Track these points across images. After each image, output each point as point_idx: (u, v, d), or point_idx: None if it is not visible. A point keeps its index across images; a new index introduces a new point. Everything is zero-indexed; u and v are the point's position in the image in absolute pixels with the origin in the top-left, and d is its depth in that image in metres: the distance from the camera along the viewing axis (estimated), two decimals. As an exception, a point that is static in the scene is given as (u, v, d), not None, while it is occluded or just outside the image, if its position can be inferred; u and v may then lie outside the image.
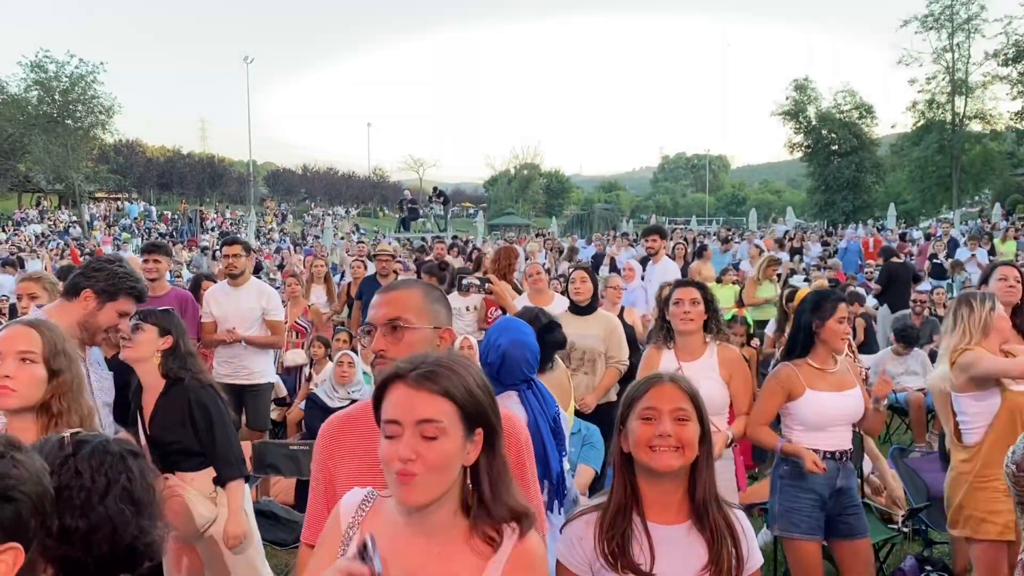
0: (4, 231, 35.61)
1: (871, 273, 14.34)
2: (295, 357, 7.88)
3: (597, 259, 14.77)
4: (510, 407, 2.93)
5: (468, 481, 1.64)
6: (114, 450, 1.75)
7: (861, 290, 11.11)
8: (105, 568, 1.66)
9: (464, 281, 6.67)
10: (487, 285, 5.86)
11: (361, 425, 2.10)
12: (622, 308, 6.63)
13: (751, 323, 7.35)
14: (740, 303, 9.48)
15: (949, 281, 14.90)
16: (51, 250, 25.13)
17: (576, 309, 5.64)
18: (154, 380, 3.63)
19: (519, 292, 7.11)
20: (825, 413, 3.83)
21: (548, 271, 11.60)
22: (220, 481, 3.65)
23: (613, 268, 13.99)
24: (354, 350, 6.83)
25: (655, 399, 2.15)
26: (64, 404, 2.49)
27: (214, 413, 3.60)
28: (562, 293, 6.31)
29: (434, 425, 1.56)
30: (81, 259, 14.70)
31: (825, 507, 3.79)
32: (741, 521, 2.21)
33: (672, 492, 2.15)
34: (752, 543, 2.20)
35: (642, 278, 8.30)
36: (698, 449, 2.13)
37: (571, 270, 5.89)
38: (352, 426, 2.13)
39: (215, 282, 7.19)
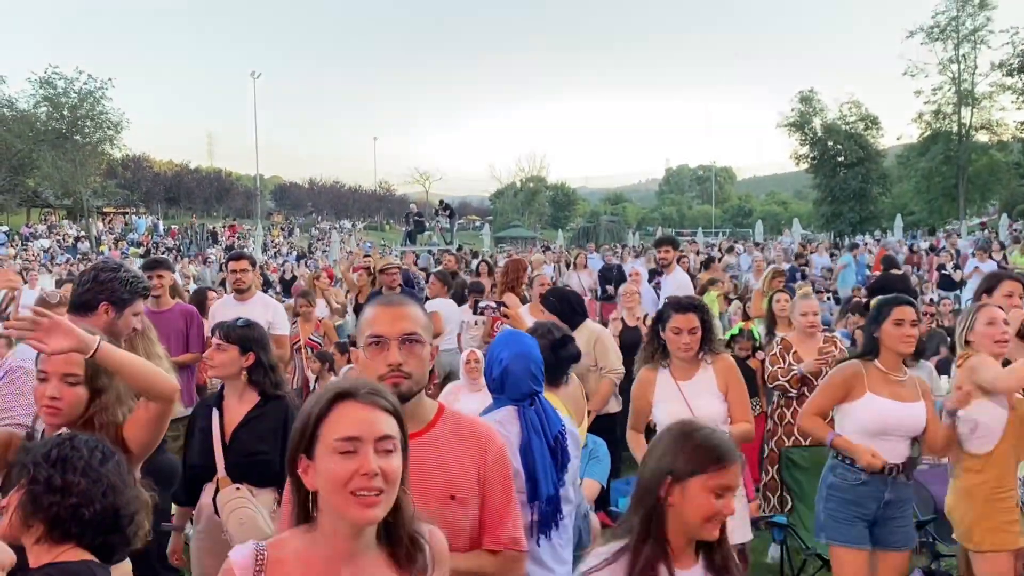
0: (13, 246, 35.79)
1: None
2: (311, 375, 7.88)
3: (607, 271, 14.70)
4: (505, 424, 2.88)
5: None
6: (106, 441, 2.17)
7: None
8: (94, 526, 1.97)
9: (481, 304, 6.78)
10: (503, 309, 5.92)
11: None
12: (645, 315, 6.64)
13: (757, 336, 7.33)
14: (746, 316, 9.46)
15: (957, 292, 14.87)
16: (59, 265, 25.22)
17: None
18: (243, 390, 3.67)
19: (527, 302, 7.12)
20: (883, 420, 3.77)
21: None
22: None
23: (606, 280, 13.98)
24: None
25: (729, 478, 2.09)
26: (106, 418, 2.63)
27: None
28: None
29: (391, 440, 1.61)
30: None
31: (871, 518, 3.79)
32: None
33: (690, 543, 2.17)
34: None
35: (649, 283, 8.37)
36: None
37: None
38: None
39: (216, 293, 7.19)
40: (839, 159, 46.65)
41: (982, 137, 43.00)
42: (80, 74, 38.81)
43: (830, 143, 46.63)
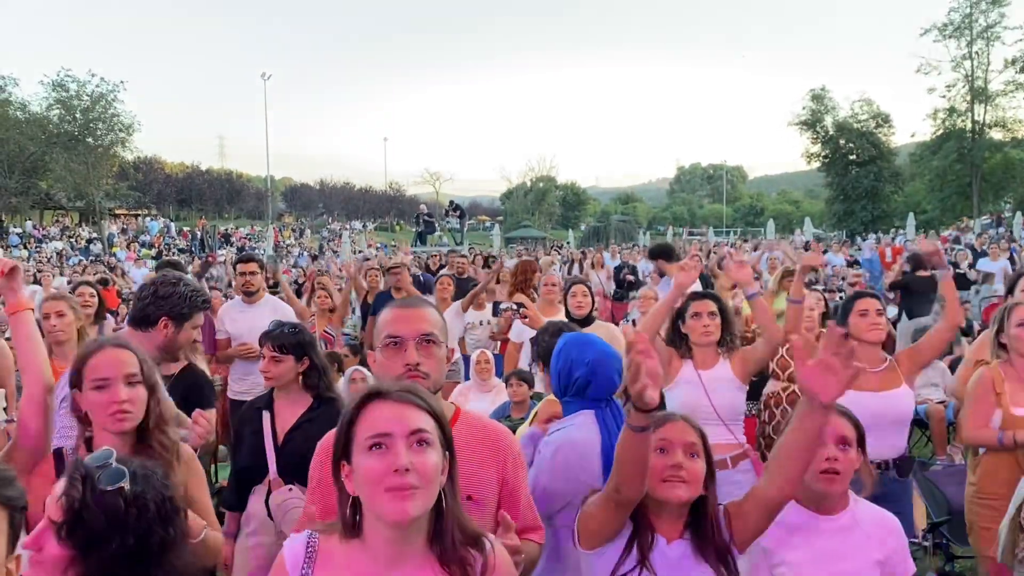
0: (26, 248, 36.00)
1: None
2: None
3: (619, 270, 14.71)
4: (583, 426, 2.85)
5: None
6: (159, 468, 1.88)
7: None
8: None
9: (501, 306, 6.83)
10: (522, 310, 5.97)
11: None
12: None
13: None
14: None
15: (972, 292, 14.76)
16: (72, 267, 25.32)
17: (575, 322, 5.64)
18: (297, 395, 3.66)
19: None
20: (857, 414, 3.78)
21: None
22: None
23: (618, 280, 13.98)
24: (363, 365, 6.80)
25: (669, 432, 2.26)
26: (163, 436, 2.47)
27: None
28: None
29: (425, 435, 1.60)
30: (118, 295, 14.41)
31: None
32: None
33: (676, 519, 2.28)
34: None
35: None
36: (704, 488, 2.25)
37: (570, 284, 5.95)
38: None
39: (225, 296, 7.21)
40: (851, 157, 46.50)
41: (996, 134, 42.75)
42: (92, 77, 39.01)
43: (842, 141, 46.49)
